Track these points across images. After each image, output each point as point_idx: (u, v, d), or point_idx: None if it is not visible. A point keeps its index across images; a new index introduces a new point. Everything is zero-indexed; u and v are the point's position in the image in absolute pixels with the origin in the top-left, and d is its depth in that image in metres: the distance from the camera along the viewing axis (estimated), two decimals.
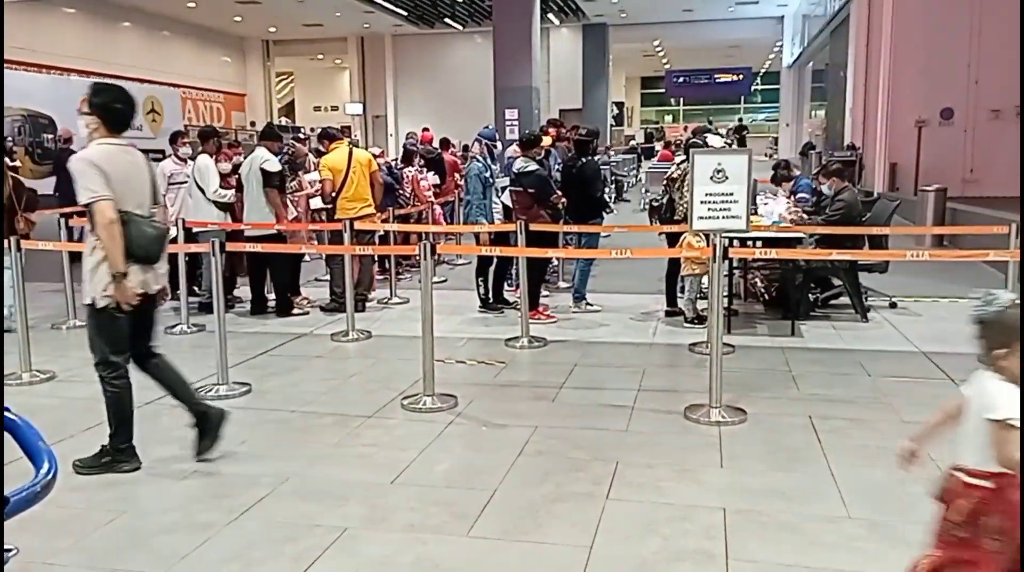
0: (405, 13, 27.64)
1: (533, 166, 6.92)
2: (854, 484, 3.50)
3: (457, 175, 10.50)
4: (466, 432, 4.31)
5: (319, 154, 8.83)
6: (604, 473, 3.66)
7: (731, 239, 5.51)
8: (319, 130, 8.86)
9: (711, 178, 4.32)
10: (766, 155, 30.79)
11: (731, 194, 4.36)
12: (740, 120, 32.10)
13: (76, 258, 7.60)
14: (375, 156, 7.87)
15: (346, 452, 4.05)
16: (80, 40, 22.79)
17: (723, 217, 4.39)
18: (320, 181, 7.56)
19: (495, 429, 4.32)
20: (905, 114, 14.24)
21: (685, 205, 6.45)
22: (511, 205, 7.19)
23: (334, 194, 7.25)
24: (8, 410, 1.37)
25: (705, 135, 7.43)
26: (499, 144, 8.63)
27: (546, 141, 7.64)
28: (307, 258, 8.43)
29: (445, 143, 11.89)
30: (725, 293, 5.69)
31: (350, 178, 7.20)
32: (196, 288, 7.46)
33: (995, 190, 12.53)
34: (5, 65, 18.55)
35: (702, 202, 4.39)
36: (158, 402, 4.80)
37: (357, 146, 8.20)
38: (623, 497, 3.43)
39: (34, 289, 7.21)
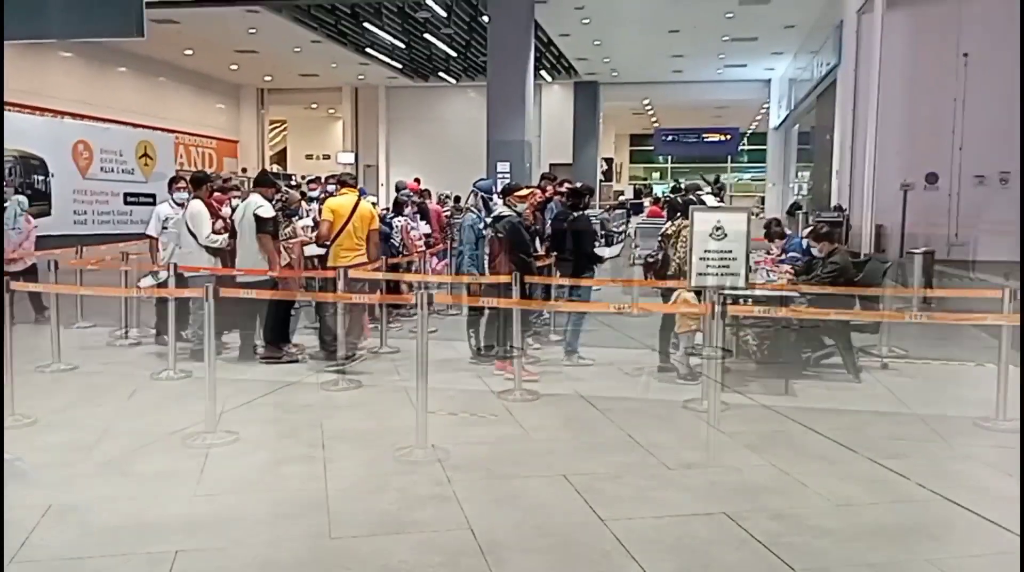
0: (400, 66, 28.09)
1: (508, 212, 6.84)
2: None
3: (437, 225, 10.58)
4: (461, 487, 4.21)
5: (324, 201, 8.69)
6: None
7: (726, 296, 5.51)
8: (340, 174, 7.85)
9: (710, 235, 4.34)
10: (753, 214, 31.08)
11: (730, 252, 4.38)
12: (718, 178, 32.08)
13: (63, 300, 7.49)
14: None
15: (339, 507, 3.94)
16: (76, 83, 22.94)
17: (722, 274, 4.40)
18: (320, 221, 7.49)
19: (491, 483, 4.23)
20: (890, 177, 14.45)
21: (679, 261, 6.49)
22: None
23: (328, 242, 7.20)
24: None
25: (699, 192, 7.50)
26: (495, 197, 8.58)
27: (538, 194, 7.66)
28: (296, 305, 8.34)
29: (427, 194, 11.92)
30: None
31: (349, 227, 7.15)
32: (183, 333, 7.35)
33: (980, 254, 12.69)
34: (5, 107, 18.63)
35: (701, 259, 4.40)
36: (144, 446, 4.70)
37: (366, 196, 7.98)
38: None
39: (19, 330, 7.10)
